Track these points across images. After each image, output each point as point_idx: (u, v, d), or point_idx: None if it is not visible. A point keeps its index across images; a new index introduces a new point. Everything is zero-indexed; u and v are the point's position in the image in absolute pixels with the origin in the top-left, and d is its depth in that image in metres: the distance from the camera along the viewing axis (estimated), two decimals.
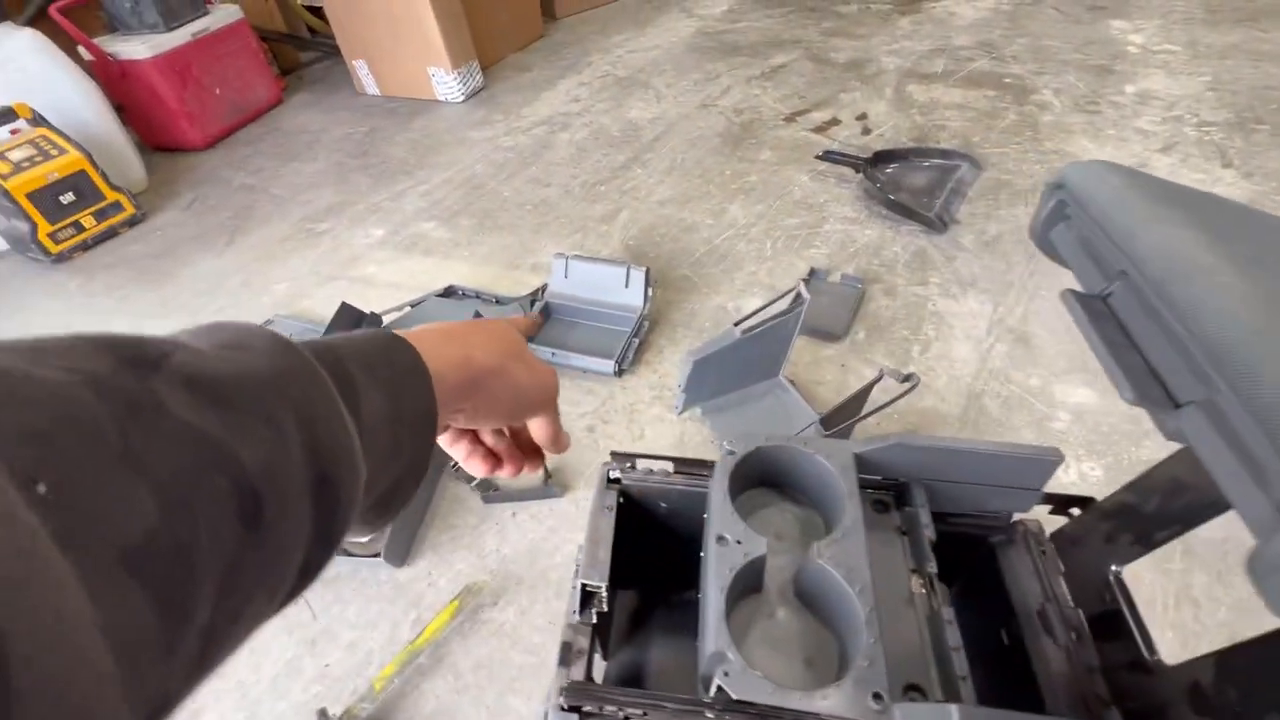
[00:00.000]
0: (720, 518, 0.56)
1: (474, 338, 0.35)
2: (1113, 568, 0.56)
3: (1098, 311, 0.29)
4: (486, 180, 1.96)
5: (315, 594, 0.97)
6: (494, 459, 0.42)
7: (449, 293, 1.47)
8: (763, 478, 0.65)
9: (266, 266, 1.71)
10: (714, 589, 0.53)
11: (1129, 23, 2.50)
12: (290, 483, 0.19)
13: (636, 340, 1.28)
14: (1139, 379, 0.27)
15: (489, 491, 1.06)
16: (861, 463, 0.62)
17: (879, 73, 2.33)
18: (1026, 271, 1.40)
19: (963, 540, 0.67)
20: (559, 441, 0.42)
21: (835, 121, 2.06)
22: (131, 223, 1.95)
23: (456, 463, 0.42)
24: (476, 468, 0.42)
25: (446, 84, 2.42)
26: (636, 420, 1.17)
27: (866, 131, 1.99)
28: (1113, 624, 0.55)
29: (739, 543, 0.54)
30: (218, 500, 0.17)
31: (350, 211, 1.90)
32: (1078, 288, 0.34)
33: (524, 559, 0.98)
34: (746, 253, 1.54)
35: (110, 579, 0.13)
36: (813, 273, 1.40)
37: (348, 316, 1.30)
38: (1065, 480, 1.01)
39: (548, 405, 0.40)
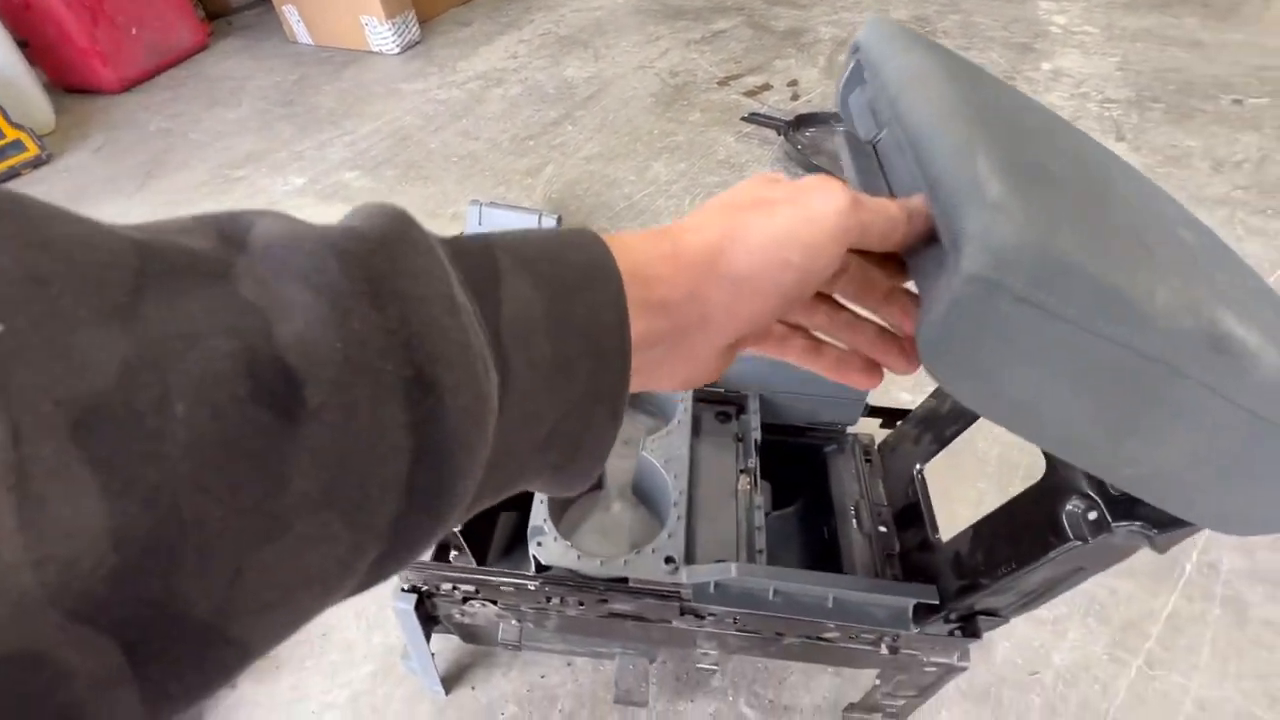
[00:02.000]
0: None
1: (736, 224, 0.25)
2: (916, 466, 0.62)
3: (862, 150, 0.33)
4: (415, 132, 1.93)
5: None
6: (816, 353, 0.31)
7: None
8: None
9: (179, 211, 1.61)
10: None
11: (1056, 4, 2.59)
12: (347, 365, 0.15)
13: None
14: (870, 186, 0.31)
15: None
16: None
17: (815, 41, 2.37)
18: None
19: (806, 453, 0.73)
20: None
21: (767, 87, 2.10)
22: (35, 164, 1.86)
23: None
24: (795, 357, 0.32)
25: (380, 34, 2.36)
26: None
27: (795, 97, 2.03)
28: (912, 515, 0.61)
29: None
30: (211, 367, 0.13)
31: (271, 159, 1.85)
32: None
33: None
34: (665, 208, 1.57)
35: (50, 445, 0.11)
36: None
37: None
38: None
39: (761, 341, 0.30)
